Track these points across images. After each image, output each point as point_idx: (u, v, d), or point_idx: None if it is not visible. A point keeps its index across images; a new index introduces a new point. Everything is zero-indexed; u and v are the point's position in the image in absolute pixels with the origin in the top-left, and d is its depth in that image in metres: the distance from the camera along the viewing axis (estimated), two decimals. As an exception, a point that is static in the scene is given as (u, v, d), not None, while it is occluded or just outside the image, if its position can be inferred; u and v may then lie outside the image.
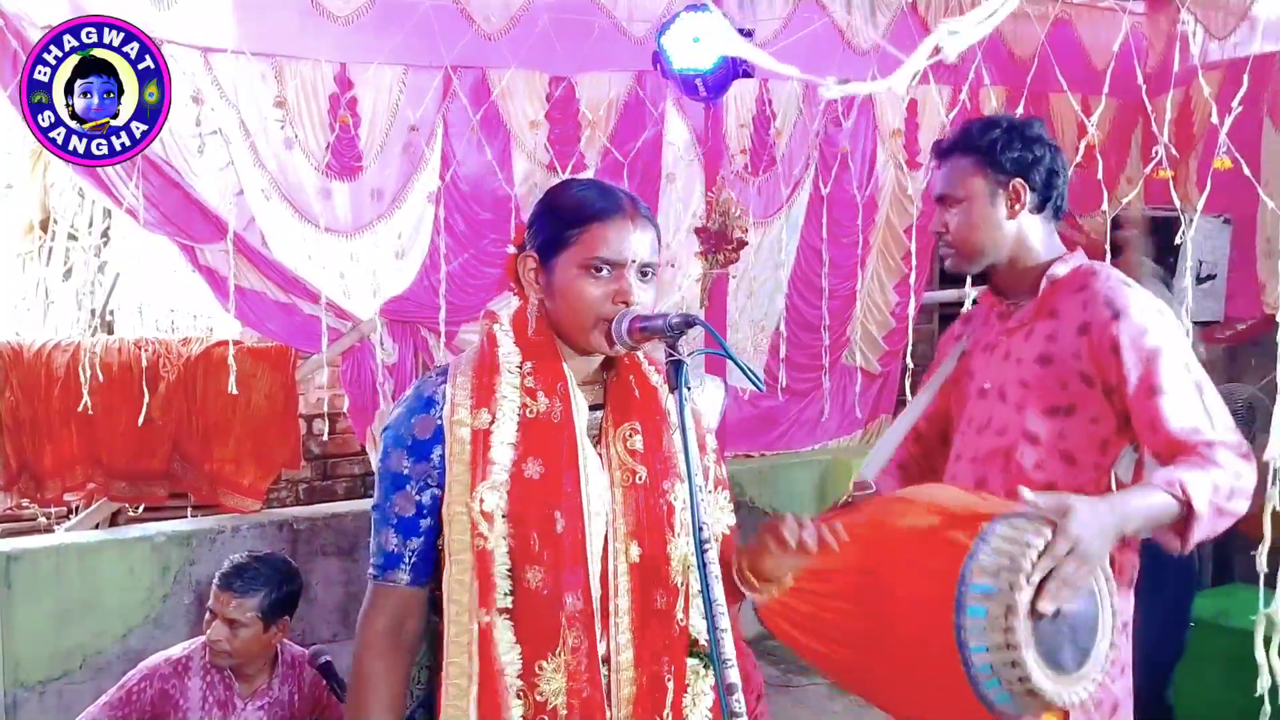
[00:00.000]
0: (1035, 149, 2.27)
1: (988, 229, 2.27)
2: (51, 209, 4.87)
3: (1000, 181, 2.26)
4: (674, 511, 1.73)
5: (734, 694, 1.48)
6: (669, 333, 1.60)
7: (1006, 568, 1.73)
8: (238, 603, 3.06)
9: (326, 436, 4.84)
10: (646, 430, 1.75)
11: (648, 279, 1.73)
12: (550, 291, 1.73)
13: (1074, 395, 2.19)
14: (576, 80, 4.73)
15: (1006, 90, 5.46)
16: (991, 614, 1.72)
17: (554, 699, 1.65)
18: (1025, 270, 2.30)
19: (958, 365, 2.45)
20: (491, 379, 1.72)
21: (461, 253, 4.58)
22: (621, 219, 1.70)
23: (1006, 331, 2.33)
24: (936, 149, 2.38)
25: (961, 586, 1.74)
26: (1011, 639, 1.71)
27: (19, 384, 4.09)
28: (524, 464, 1.67)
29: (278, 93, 4.19)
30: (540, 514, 1.66)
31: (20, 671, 3.84)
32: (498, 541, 1.66)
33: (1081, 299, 2.21)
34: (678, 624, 1.73)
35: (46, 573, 3.91)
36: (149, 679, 3.09)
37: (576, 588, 1.66)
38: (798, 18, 4.91)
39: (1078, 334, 2.19)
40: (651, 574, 1.71)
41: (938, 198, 2.33)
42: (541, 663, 1.65)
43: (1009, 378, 2.28)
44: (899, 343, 5.93)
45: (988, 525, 1.79)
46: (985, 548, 1.76)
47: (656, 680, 1.71)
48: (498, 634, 1.65)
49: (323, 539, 4.37)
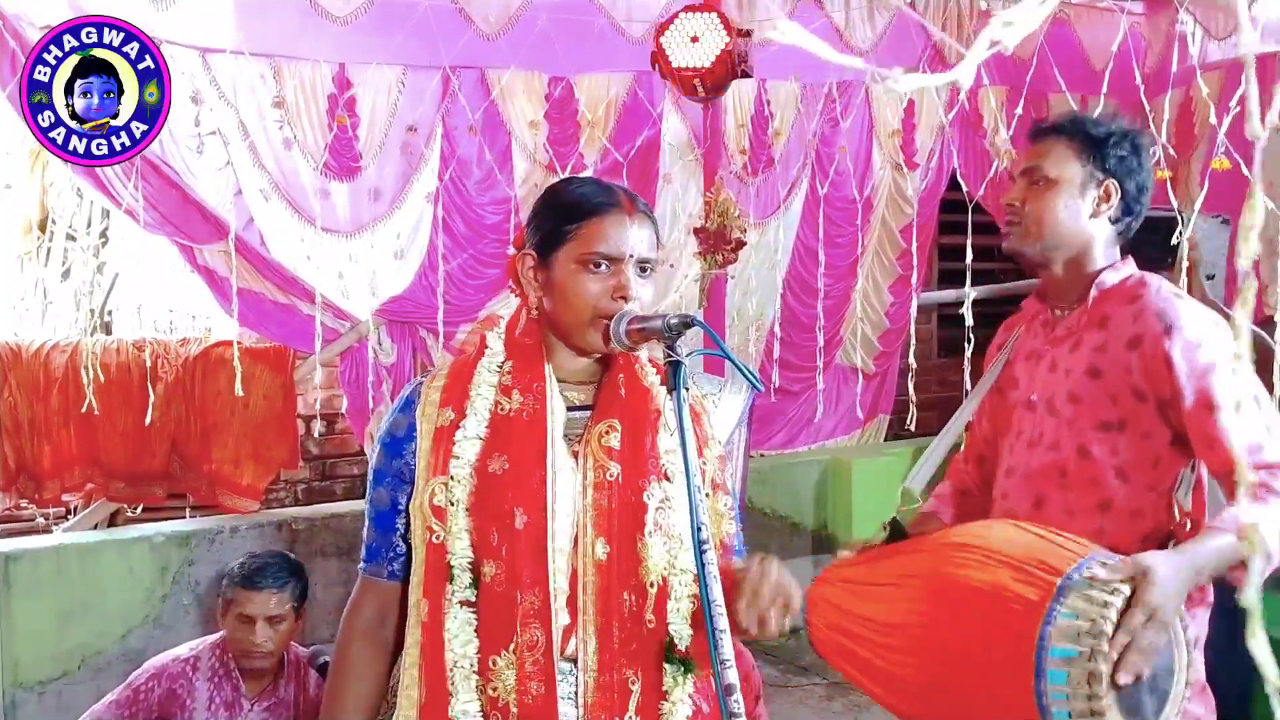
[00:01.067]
0: (1141, 159, 2.21)
1: (1068, 217, 2.20)
2: (50, 209, 4.87)
3: (1097, 177, 2.20)
4: (648, 510, 1.69)
5: (733, 694, 1.48)
6: (667, 333, 1.59)
7: (1087, 631, 1.70)
8: (277, 598, 3.11)
9: (325, 437, 4.84)
10: (626, 428, 1.72)
11: (646, 274, 1.72)
12: (549, 288, 1.72)
13: (1124, 410, 2.13)
14: (575, 80, 4.73)
15: (1006, 90, 5.47)
16: (1074, 679, 1.69)
17: (505, 695, 1.64)
18: (1080, 276, 2.22)
19: (1001, 374, 2.39)
20: (466, 378, 1.74)
21: (460, 253, 4.59)
22: (619, 214, 1.71)
23: (1053, 341, 2.26)
24: (1039, 125, 2.31)
25: (1040, 652, 1.71)
26: (1096, 705, 1.69)
27: (18, 384, 4.09)
28: (489, 459, 1.68)
29: (276, 93, 4.20)
30: (500, 509, 1.66)
31: (20, 672, 3.84)
32: (458, 535, 1.67)
33: (1132, 311, 2.15)
34: (646, 625, 1.68)
35: (46, 573, 3.91)
36: (157, 678, 3.10)
37: (534, 585, 1.64)
38: (796, 18, 4.89)
39: (1128, 348, 2.13)
40: (618, 573, 1.68)
41: (1025, 170, 2.24)
42: (495, 658, 1.65)
43: (1057, 390, 2.21)
44: (894, 343, 5.94)
45: (1062, 581, 1.75)
46: (1061, 609, 1.72)
47: (620, 683, 1.67)
48: (455, 626, 1.66)
49: (321, 539, 4.37)
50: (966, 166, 5.68)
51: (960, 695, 1.81)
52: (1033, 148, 2.26)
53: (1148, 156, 2.25)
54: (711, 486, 1.79)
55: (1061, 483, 2.19)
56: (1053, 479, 2.20)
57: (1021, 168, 2.26)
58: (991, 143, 5.66)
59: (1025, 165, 2.25)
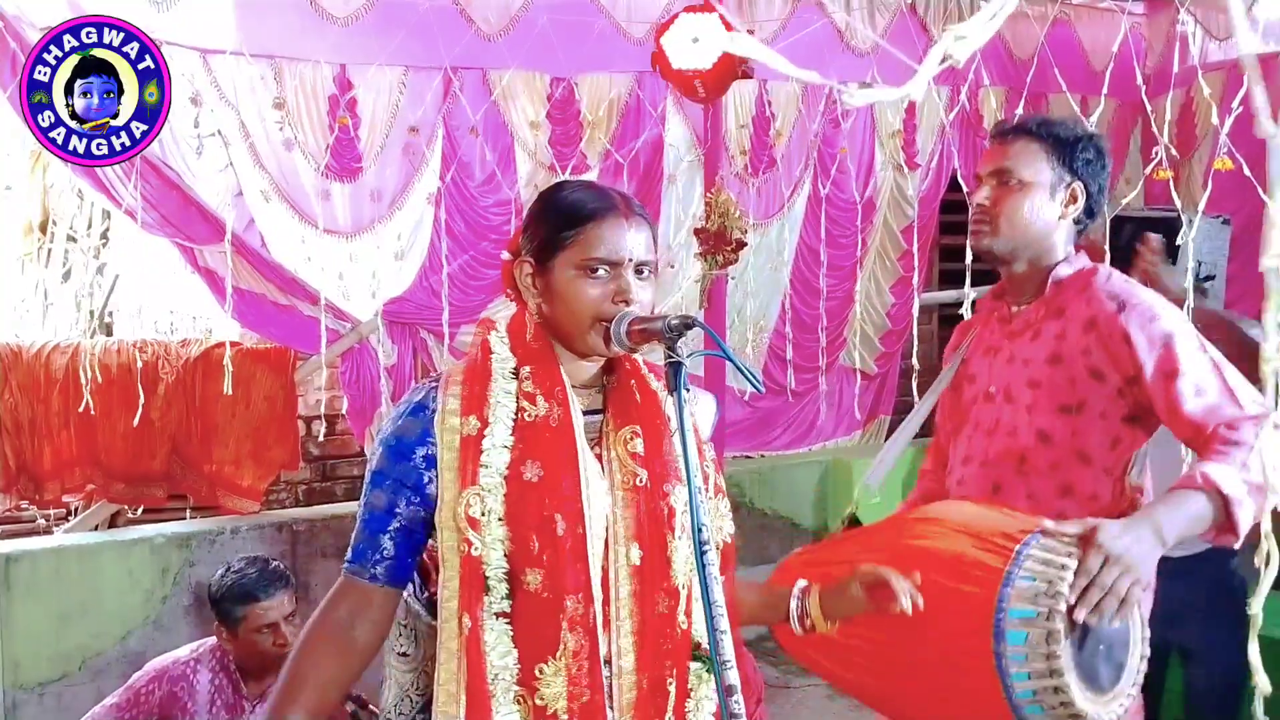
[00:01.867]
0: (1103, 162, 2.30)
1: (1038, 219, 2.26)
2: (51, 210, 4.87)
3: (1065, 179, 2.27)
4: (675, 514, 1.71)
5: (733, 695, 1.48)
6: (668, 334, 1.59)
7: (1044, 592, 1.73)
8: (289, 596, 3.18)
9: (325, 438, 4.84)
10: (648, 434, 1.73)
11: (645, 277, 1.72)
12: (548, 295, 1.72)
13: (1082, 392, 2.19)
14: (577, 81, 4.73)
15: (1006, 90, 5.47)
16: (1032, 640, 1.71)
17: (554, 703, 1.63)
18: (1039, 271, 2.30)
19: (956, 371, 2.44)
20: (484, 386, 1.71)
21: (461, 254, 4.59)
22: (616, 218, 1.69)
23: (1010, 334, 2.32)
24: (1004, 126, 2.36)
25: (999, 614, 1.73)
26: (1054, 665, 1.70)
27: (18, 385, 4.08)
28: (521, 467, 1.66)
29: (277, 94, 4.19)
30: (539, 516, 1.65)
31: (19, 673, 3.83)
32: (493, 545, 1.64)
33: (1085, 296, 2.23)
34: (679, 627, 1.70)
35: (46, 574, 3.91)
36: (158, 680, 3.09)
37: (578, 590, 1.64)
38: (797, 19, 4.92)
39: (1084, 330, 2.20)
40: (652, 577, 1.70)
41: (995, 171, 2.29)
42: (542, 666, 1.63)
43: (1015, 379, 2.27)
44: (895, 344, 5.94)
45: (1020, 547, 1.77)
46: (1020, 571, 1.75)
47: (658, 684, 1.69)
48: (492, 638, 1.63)
49: (322, 540, 4.37)
50: (967, 167, 5.67)
51: (926, 672, 1.82)
52: (1001, 149, 2.31)
53: (1109, 160, 2.33)
54: (714, 490, 1.80)
55: (1020, 469, 2.24)
56: (1011, 465, 2.25)
57: (991, 168, 2.31)
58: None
59: (995, 166, 2.30)
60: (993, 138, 2.38)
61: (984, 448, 2.31)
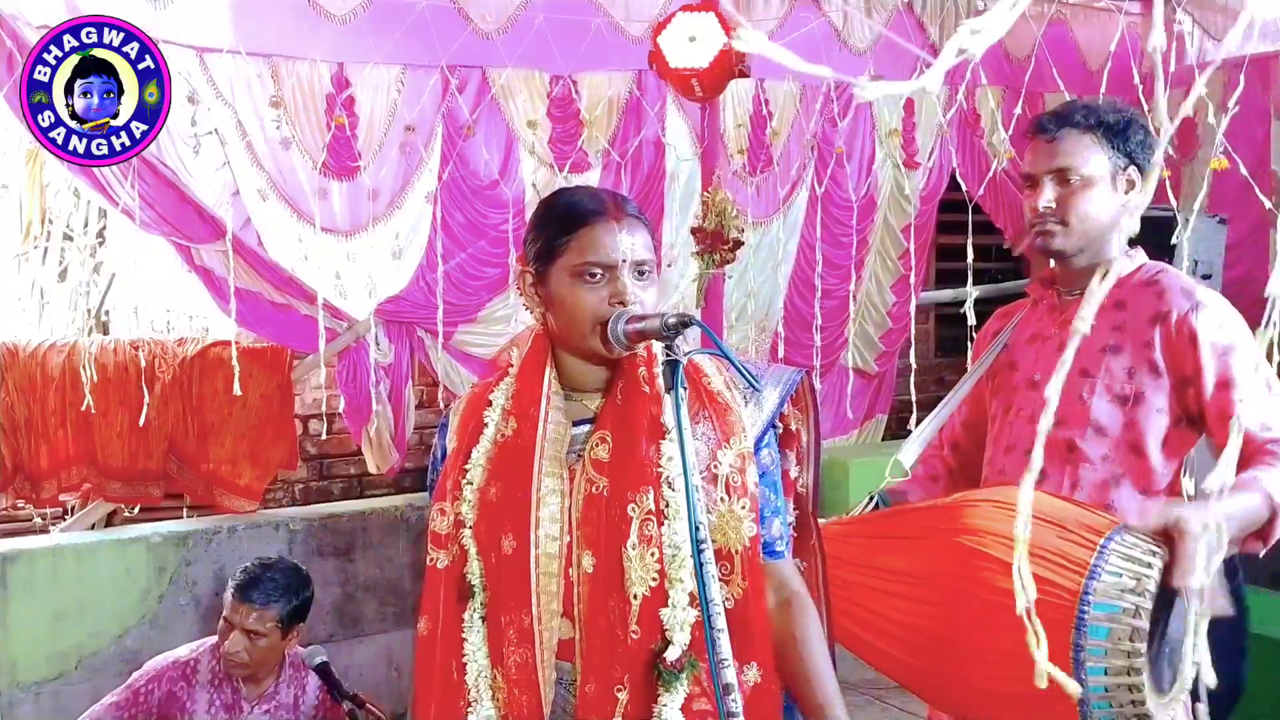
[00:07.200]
0: (1152, 142, 2.19)
1: (1106, 213, 2.19)
2: (47, 209, 4.86)
3: (1121, 165, 2.19)
4: (631, 523, 1.65)
5: (730, 694, 1.48)
6: (664, 332, 1.58)
7: (1131, 589, 1.71)
8: (258, 614, 3.03)
9: (323, 437, 4.84)
10: (616, 438, 1.69)
11: (645, 278, 1.70)
12: (549, 302, 1.73)
13: (1140, 384, 2.16)
14: (576, 79, 4.73)
15: (1003, 90, 5.47)
16: (1115, 635, 1.70)
17: (503, 708, 1.72)
18: (1100, 263, 2.20)
19: (997, 359, 2.40)
20: (479, 406, 1.79)
21: (459, 253, 4.58)
22: (607, 221, 1.69)
23: (1062, 324, 2.27)
24: (1042, 120, 2.27)
25: (1084, 606, 1.71)
26: (1135, 663, 1.69)
27: (15, 384, 4.08)
28: (489, 488, 1.74)
29: (274, 92, 4.19)
30: (493, 537, 1.72)
31: (16, 672, 3.83)
32: (475, 556, 1.74)
33: (1154, 291, 2.18)
34: (632, 635, 1.64)
35: (42, 573, 3.90)
36: (156, 680, 3.09)
37: (517, 609, 1.69)
38: (794, 18, 4.92)
39: (1150, 323, 2.16)
40: (605, 584, 1.67)
41: (1052, 170, 2.20)
42: (496, 672, 1.73)
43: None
44: (895, 343, 5.93)
45: (1104, 541, 1.76)
46: (1105, 565, 1.73)
47: (605, 692, 1.65)
48: (472, 638, 1.74)
49: (319, 540, 4.36)
50: (965, 166, 5.68)
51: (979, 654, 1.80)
52: (1051, 145, 2.21)
53: (1155, 136, 2.23)
54: (726, 489, 1.70)
55: (1067, 458, 2.20)
56: (1058, 453, 2.21)
57: (1046, 167, 2.21)
58: (989, 142, 5.67)
59: (1052, 165, 2.20)
60: (1036, 132, 2.26)
61: (1027, 435, 2.25)
